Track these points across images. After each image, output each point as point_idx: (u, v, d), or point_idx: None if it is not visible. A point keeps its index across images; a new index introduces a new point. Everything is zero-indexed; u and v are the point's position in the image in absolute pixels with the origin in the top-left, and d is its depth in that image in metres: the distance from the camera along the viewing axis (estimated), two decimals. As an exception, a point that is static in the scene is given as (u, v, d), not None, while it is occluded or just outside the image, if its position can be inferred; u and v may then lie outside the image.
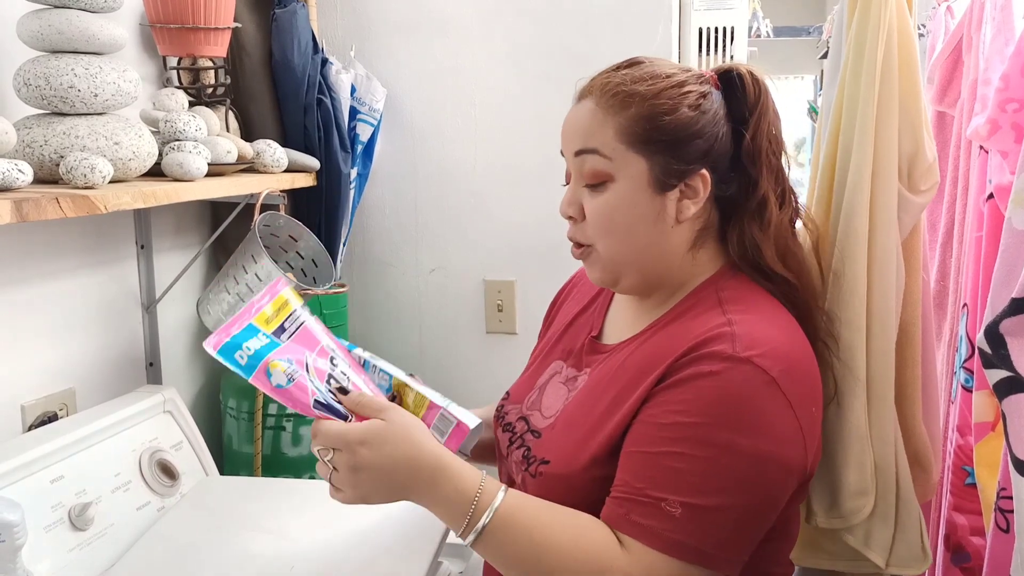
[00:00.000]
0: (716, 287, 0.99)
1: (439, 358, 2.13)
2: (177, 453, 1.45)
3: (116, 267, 1.61)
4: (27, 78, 1.26)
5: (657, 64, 1.01)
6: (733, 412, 0.87)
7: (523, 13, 1.95)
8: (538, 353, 1.20)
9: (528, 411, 1.10)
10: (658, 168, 0.96)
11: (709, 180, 0.97)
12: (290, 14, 1.83)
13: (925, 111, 1.14)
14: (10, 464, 1.18)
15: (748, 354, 0.88)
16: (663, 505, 0.86)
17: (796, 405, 0.89)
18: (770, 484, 0.89)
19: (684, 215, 0.98)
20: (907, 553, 1.14)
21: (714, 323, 0.92)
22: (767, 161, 1.00)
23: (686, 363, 0.90)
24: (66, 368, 1.49)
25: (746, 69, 1.01)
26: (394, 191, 2.08)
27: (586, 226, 1.00)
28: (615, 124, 0.96)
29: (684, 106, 0.96)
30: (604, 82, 0.99)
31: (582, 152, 0.99)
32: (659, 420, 0.90)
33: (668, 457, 0.88)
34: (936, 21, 1.67)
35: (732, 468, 0.86)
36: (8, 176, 1.12)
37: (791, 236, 1.02)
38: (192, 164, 1.43)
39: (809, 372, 0.95)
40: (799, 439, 0.90)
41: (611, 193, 0.97)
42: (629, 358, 0.99)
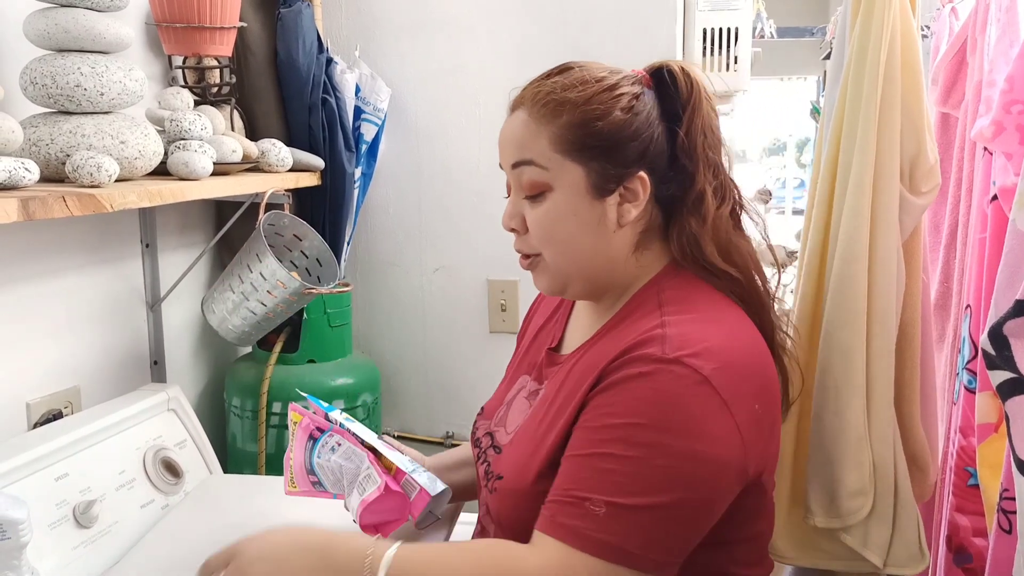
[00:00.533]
0: (658, 288, 0.98)
1: (442, 357, 2.13)
2: (181, 451, 1.46)
3: (121, 265, 1.62)
4: (33, 77, 1.27)
5: (588, 68, 1.00)
6: (662, 412, 0.86)
7: (528, 13, 1.95)
8: (510, 367, 1.20)
9: (495, 427, 1.10)
10: (595, 174, 0.95)
11: (648, 182, 0.97)
12: (295, 13, 1.84)
13: (927, 113, 1.15)
14: (15, 461, 1.19)
15: (677, 354, 0.87)
16: (587, 504, 0.85)
17: (732, 403, 0.87)
18: (702, 484, 0.87)
19: (625, 219, 0.97)
20: (905, 553, 1.15)
21: (649, 325, 0.92)
22: (703, 155, 0.98)
23: (618, 366, 0.89)
24: (71, 366, 1.50)
25: (678, 65, 1.00)
26: (398, 191, 2.09)
27: (530, 237, 0.99)
28: (548, 133, 0.96)
29: (617, 109, 0.95)
30: (535, 91, 0.99)
31: (519, 164, 0.98)
32: (591, 424, 0.89)
33: (597, 458, 0.87)
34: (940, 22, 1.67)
35: (661, 468, 0.85)
36: (15, 174, 1.13)
37: (732, 230, 1.01)
38: (197, 163, 1.43)
39: (751, 369, 0.92)
40: (735, 437, 0.87)
41: (550, 203, 0.96)
42: (575, 367, 0.98)
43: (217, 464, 1.54)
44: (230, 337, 1.68)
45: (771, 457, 0.97)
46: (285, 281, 1.57)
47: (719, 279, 0.98)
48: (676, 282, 0.99)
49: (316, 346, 1.83)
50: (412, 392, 2.16)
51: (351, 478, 1.10)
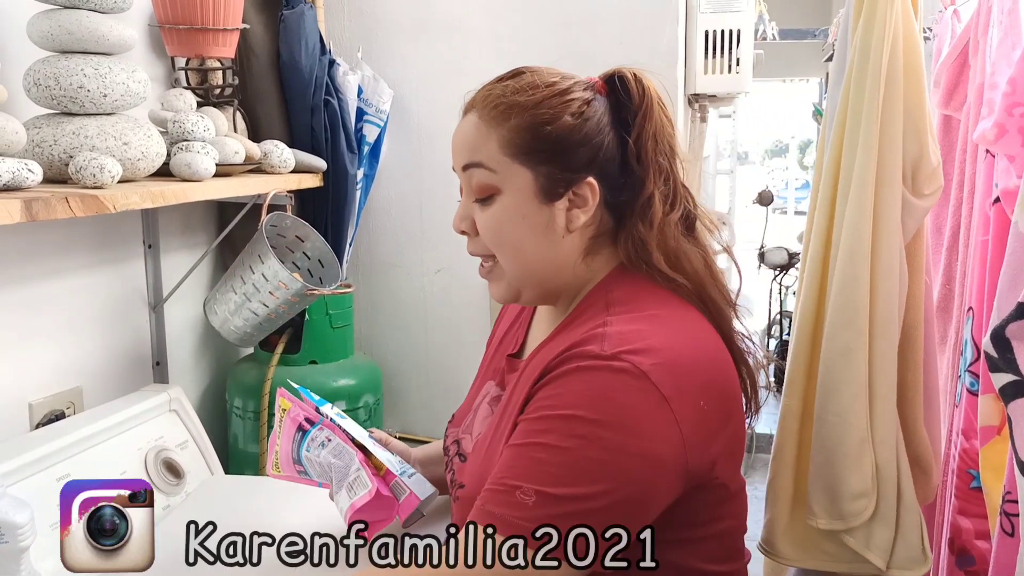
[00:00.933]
0: (607, 290, 0.98)
1: (443, 358, 2.13)
2: (183, 452, 1.46)
3: (123, 266, 1.62)
4: (37, 78, 1.27)
5: (540, 73, 1.00)
6: (599, 405, 0.85)
7: (530, 15, 1.95)
8: (478, 373, 1.19)
9: (462, 434, 1.10)
10: (543, 178, 0.95)
11: (597, 188, 0.96)
12: (298, 15, 1.84)
13: (929, 115, 1.15)
14: (17, 462, 1.19)
15: (616, 351, 0.86)
16: (517, 493, 0.84)
17: (672, 399, 0.86)
18: (635, 479, 0.86)
19: (574, 224, 0.97)
20: (907, 555, 1.15)
21: (592, 325, 0.92)
22: (653, 161, 0.98)
23: (559, 363, 0.89)
24: (73, 366, 1.50)
25: (630, 72, 1.00)
26: (400, 192, 2.09)
27: (480, 240, 0.99)
28: (498, 136, 0.96)
29: (566, 114, 0.95)
30: (486, 95, 0.99)
31: (469, 166, 0.98)
32: (530, 415, 0.89)
33: (532, 448, 0.86)
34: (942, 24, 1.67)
35: (594, 460, 0.84)
36: (18, 175, 1.13)
37: (682, 237, 1.00)
38: (200, 164, 1.43)
39: (697, 366, 0.91)
40: (674, 434, 0.86)
41: (499, 206, 0.96)
42: (525, 372, 0.98)
43: (219, 465, 1.54)
44: (232, 338, 1.68)
45: (723, 455, 0.94)
46: (287, 282, 1.57)
47: (669, 283, 0.98)
48: (624, 284, 0.98)
49: (318, 347, 1.83)
50: (413, 393, 2.16)
51: (340, 476, 1.10)
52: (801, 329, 1.22)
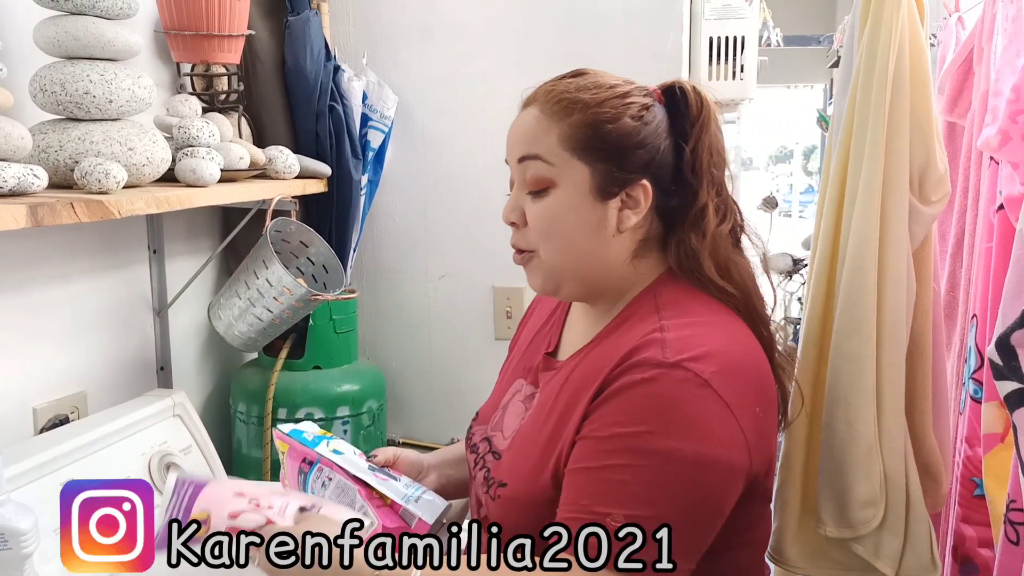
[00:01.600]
0: (654, 294, 0.99)
1: (448, 364, 2.13)
2: (187, 457, 1.46)
3: (128, 271, 1.62)
4: (43, 84, 1.28)
5: (602, 75, 1.02)
6: (669, 418, 0.86)
7: (534, 21, 1.95)
8: (504, 370, 1.20)
9: (491, 432, 1.10)
10: (600, 176, 0.97)
11: (651, 191, 0.98)
12: (303, 21, 1.85)
13: (936, 121, 1.14)
14: (21, 466, 1.19)
15: (678, 358, 0.87)
16: (608, 520, 0.85)
17: (734, 406, 0.88)
18: (713, 488, 0.88)
19: (625, 225, 0.98)
20: (916, 564, 1.14)
21: (647, 329, 0.92)
22: (707, 172, 1.00)
23: (619, 374, 0.90)
24: (77, 371, 1.50)
25: (689, 85, 1.02)
26: (404, 198, 2.09)
27: (528, 232, 1.00)
28: (559, 130, 0.97)
29: (627, 116, 0.97)
30: (548, 90, 1.01)
31: (525, 158, 0.99)
32: (598, 434, 0.89)
33: (610, 470, 0.87)
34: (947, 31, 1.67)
35: (674, 474, 0.85)
36: (24, 181, 1.13)
37: (731, 248, 1.02)
38: (205, 170, 1.44)
39: (751, 373, 0.93)
40: (740, 440, 0.88)
41: (553, 199, 0.98)
42: (572, 373, 0.99)
43: (222, 469, 1.54)
44: (236, 343, 1.69)
45: (771, 461, 0.97)
46: (291, 287, 1.57)
47: (717, 292, 0.99)
48: (672, 289, 0.99)
49: (322, 352, 1.83)
50: (417, 398, 2.16)
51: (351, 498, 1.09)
52: (808, 336, 1.22)
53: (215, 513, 0.93)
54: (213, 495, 0.97)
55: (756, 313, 1.00)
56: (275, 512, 0.94)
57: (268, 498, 0.96)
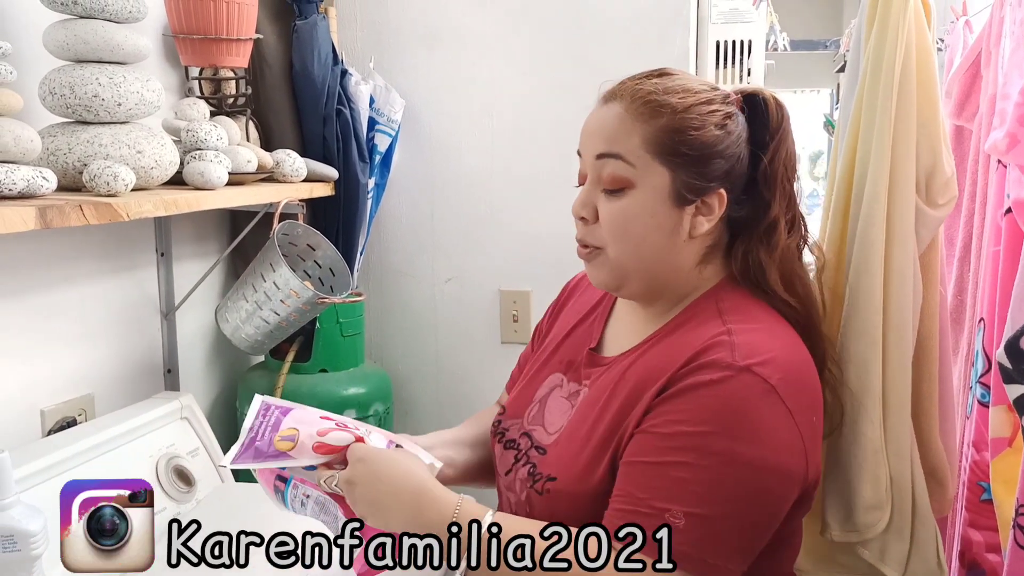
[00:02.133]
0: (716, 299, 1.00)
1: (454, 368, 2.13)
2: (194, 459, 1.46)
3: (136, 274, 1.63)
4: (52, 87, 1.28)
5: (686, 78, 1.01)
6: (734, 421, 0.87)
7: (541, 25, 1.96)
8: (534, 362, 1.18)
9: (530, 426, 1.09)
10: (680, 182, 0.96)
11: (726, 200, 0.98)
12: (311, 26, 1.85)
13: (943, 125, 1.14)
14: (29, 468, 1.19)
15: (747, 362, 0.88)
16: (667, 516, 0.86)
17: (796, 413, 0.89)
18: (772, 493, 0.89)
19: (697, 231, 0.98)
20: (922, 568, 1.14)
21: (713, 332, 0.93)
22: (781, 186, 1.01)
23: (686, 373, 0.90)
24: (85, 374, 1.51)
25: (770, 94, 1.02)
26: (411, 201, 2.09)
27: (598, 228, 0.99)
28: (643, 132, 0.96)
29: (711, 124, 0.97)
30: (634, 88, 0.99)
31: (605, 155, 0.98)
32: (660, 430, 0.90)
33: (670, 467, 0.88)
34: (954, 35, 1.67)
35: (735, 477, 0.87)
36: (33, 183, 1.14)
37: (797, 261, 1.03)
38: (213, 173, 1.44)
39: (808, 382, 0.95)
40: (800, 447, 0.90)
41: (630, 200, 0.97)
42: (629, 370, 0.99)
43: (229, 472, 1.54)
44: (243, 346, 1.69)
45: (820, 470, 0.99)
46: (298, 290, 1.58)
47: (776, 303, 1.00)
48: (733, 295, 1.00)
49: (328, 355, 1.84)
50: (424, 402, 2.16)
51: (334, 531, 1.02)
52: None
53: (303, 431, 0.96)
54: (300, 415, 1.00)
55: (815, 327, 1.02)
56: (363, 432, 0.98)
57: (353, 422, 1.00)
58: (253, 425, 1.02)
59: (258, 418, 1.02)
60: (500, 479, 1.11)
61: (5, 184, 1.10)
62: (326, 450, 0.96)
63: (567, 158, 1.95)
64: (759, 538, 0.90)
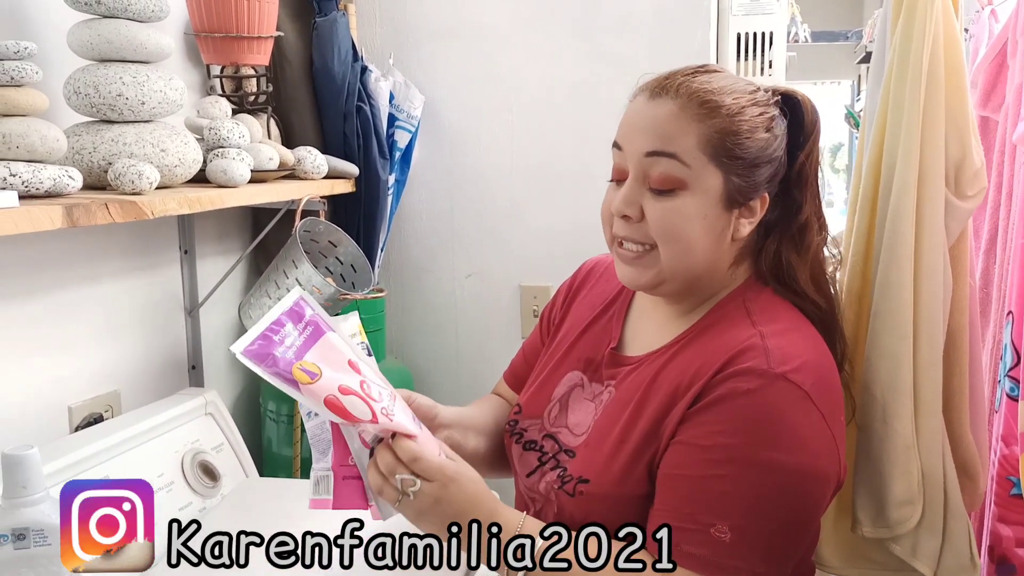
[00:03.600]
0: (743, 298, 0.99)
1: (474, 363, 2.13)
2: (218, 455, 1.47)
3: (160, 272, 1.64)
4: (77, 86, 1.29)
5: (730, 76, 0.99)
6: (773, 430, 0.87)
7: (560, 19, 1.95)
8: (548, 359, 1.15)
9: (554, 428, 1.07)
10: (731, 184, 0.95)
11: (767, 202, 0.97)
12: (330, 23, 1.86)
13: (972, 115, 1.13)
14: (57, 464, 1.20)
15: (782, 369, 0.88)
16: (712, 531, 0.86)
17: (828, 417, 0.89)
18: (812, 497, 0.90)
19: (739, 234, 0.97)
20: (955, 563, 1.13)
21: (745, 335, 0.92)
22: (813, 187, 1.00)
23: (721, 380, 0.90)
24: (112, 370, 1.52)
25: (804, 96, 1.01)
26: (431, 197, 2.10)
27: (646, 227, 0.96)
28: (698, 132, 0.93)
29: (761, 127, 0.96)
30: (686, 85, 0.95)
31: (657, 154, 0.94)
32: (699, 442, 0.89)
33: (712, 480, 0.87)
34: (979, 25, 1.65)
35: (777, 487, 0.87)
36: (59, 182, 1.15)
37: (824, 260, 1.03)
38: (236, 171, 1.45)
39: (835, 383, 0.95)
40: (834, 450, 0.90)
41: (682, 201, 0.94)
42: (661, 373, 0.97)
43: (253, 467, 1.55)
44: (266, 342, 1.69)
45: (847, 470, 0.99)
46: (320, 287, 1.58)
47: (802, 302, 0.99)
48: (759, 295, 0.99)
49: (350, 352, 1.84)
50: (444, 397, 2.14)
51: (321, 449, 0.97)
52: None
53: (325, 375, 0.88)
54: (329, 350, 0.92)
55: (838, 326, 1.02)
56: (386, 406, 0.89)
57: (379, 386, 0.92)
58: (281, 322, 0.91)
59: (289, 320, 0.92)
60: (520, 480, 1.09)
61: (32, 183, 1.11)
62: (337, 409, 0.87)
63: (587, 153, 1.96)
64: (801, 541, 0.92)
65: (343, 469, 0.94)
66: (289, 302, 0.94)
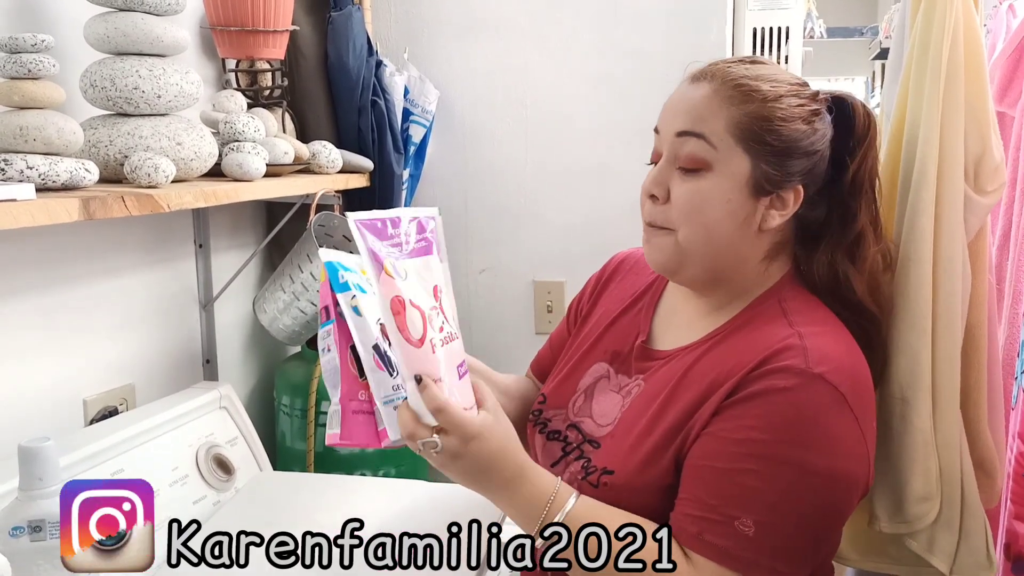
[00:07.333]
0: (778, 297, 0.98)
1: (488, 358, 2.10)
2: (232, 448, 1.48)
3: (175, 265, 1.64)
4: (93, 80, 1.30)
5: (777, 69, 0.99)
6: (806, 430, 0.87)
7: (576, 14, 1.95)
8: (575, 350, 1.15)
9: (577, 418, 1.07)
10: (759, 171, 0.94)
11: (801, 196, 0.97)
12: (345, 17, 1.86)
13: (992, 110, 1.12)
14: (73, 457, 1.21)
15: (820, 370, 0.87)
16: (736, 524, 0.86)
17: (862, 420, 0.89)
18: (840, 500, 0.90)
19: (767, 224, 0.96)
20: (971, 560, 1.12)
21: (782, 334, 0.92)
22: (866, 196, 0.99)
23: (758, 376, 0.89)
24: (126, 364, 1.52)
25: (859, 101, 1.01)
26: (445, 192, 2.10)
27: (670, 209, 0.97)
28: (729, 115, 0.94)
29: (798, 118, 0.95)
30: (725, 70, 0.97)
31: (686, 134, 0.95)
32: (731, 435, 0.89)
33: (741, 474, 0.87)
34: (997, 20, 1.64)
35: (806, 487, 0.87)
36: (76, 175, 1.15)
37: (880, 271, 1.02)
38: (251, 165, 1.45)
39: (868, 386, 0.94)
40: (865, 454, 0.90)
41: (706, 182, 0.95)
42: (693, 368, 0.97)
43: (267, 461, 1.55)
44: (280, 336, 1.70)
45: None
46: (335, 281, 1.58)
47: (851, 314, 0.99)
48: (795, 294, 0.99)
49: (364, 346, 1.84)
50: (458, 393, 2.17)
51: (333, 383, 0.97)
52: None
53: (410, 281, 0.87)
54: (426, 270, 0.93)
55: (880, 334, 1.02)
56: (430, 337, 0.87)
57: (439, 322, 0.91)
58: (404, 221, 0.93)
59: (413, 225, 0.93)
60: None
61: (49, 176, 1.12)
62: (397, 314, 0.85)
63: (601, 148, 1.95)
64: (824, 543, 0.91)
65: (352, 404, 0.93)
66: (424, 212, 0.97)
